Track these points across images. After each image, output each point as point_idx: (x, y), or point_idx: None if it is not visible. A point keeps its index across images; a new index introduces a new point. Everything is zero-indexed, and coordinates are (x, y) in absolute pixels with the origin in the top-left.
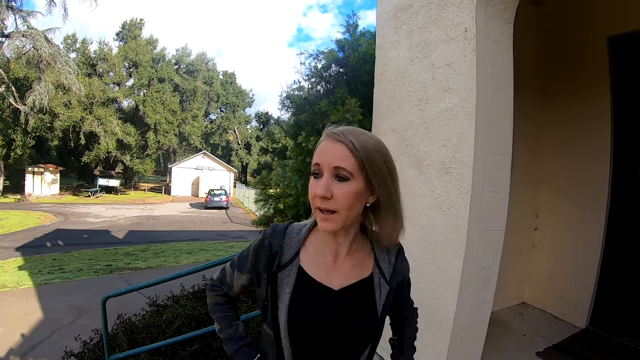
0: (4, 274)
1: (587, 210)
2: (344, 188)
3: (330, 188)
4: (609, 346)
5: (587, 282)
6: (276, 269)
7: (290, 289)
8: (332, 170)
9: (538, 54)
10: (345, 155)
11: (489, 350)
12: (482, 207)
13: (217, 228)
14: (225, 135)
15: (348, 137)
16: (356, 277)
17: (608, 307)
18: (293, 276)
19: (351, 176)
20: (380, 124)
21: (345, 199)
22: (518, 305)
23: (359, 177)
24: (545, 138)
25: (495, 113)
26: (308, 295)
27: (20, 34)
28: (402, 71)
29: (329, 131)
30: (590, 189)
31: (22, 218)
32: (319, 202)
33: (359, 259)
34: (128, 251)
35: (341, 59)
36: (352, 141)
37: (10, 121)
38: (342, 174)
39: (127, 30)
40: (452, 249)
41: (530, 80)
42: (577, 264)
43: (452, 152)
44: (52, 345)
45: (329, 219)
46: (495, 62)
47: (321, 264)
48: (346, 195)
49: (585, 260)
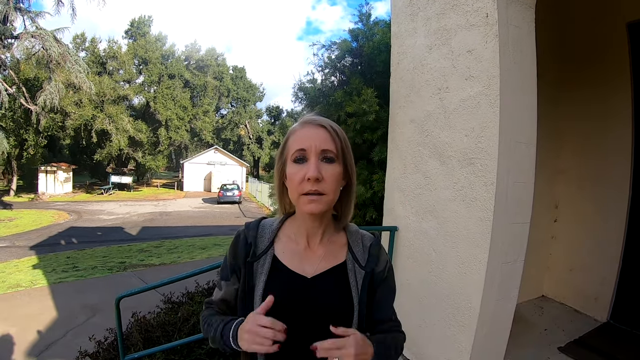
0: (18, 273)
1: (608, 201)
2: (332, 169)
3: (321, 170)
4: (631, 340)
5: (608, 275)
6: (251, 259)
7: (265, 277)
8: (320, 154)
9: (556, 42)
10: (330, 139)
11: (511, 346)
12: (507, 198)
13: (230, 223)
14: (236, 130)
15: (328, 123)
16: (329, 264)
17: (630, 300)
18: (267, 265)
19: (336, 158)
20: (398, 114)
21: (333, 180)
22: (538, 299)
23: (339, 160)
24: (565, 128)
25: (519, 101)
26: (282, 284)
27: (29, 34)
28: (419, 59)
29: (307, 118)
30: (612, 179)
31: (36, 217)
32: (308, 186)
33: (332, 246)
34: (142, 248)
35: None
36: (332, 127)
37: (22, 121)
38: (329, 155)
39: (135, 28)
40: (476, 242)
41: (548, 70)
42: (597, 256)
43: (475, 142)
44: (66, 344)
45: (317, 200)
46: (518, 48)
47: (295, 253)
48: (334, 177)
49: (606, 252)
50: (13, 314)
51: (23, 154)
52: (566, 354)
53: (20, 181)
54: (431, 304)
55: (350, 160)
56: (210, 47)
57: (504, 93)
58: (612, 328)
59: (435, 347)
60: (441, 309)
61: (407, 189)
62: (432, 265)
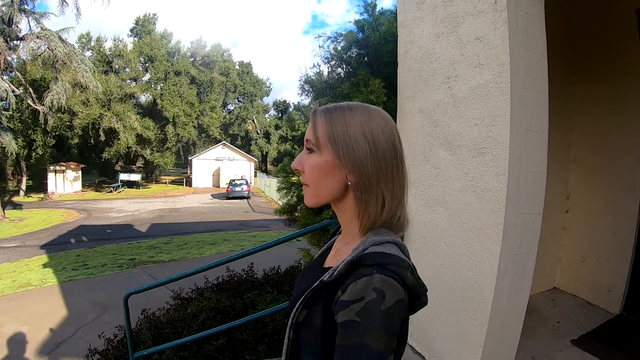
0: (29, 272)
1: (621, 191)
2: (309, 159)
3: (301, 161)
4: None
5: (620, 266)
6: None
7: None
8: (305, 145)
9: (566, 28)
10: (310, 127)
11: (524, 339)
12: (520, 189)
13: (240, 218)
14: (244, 125)
15: (318, 111)
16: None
17: None
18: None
19: (315, 148)
20: (406, 104)
21: (310, 170)
22: (550, 291)
23: (325, 149)
24: (576, 117)
25: (530, 89)
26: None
27: (34, 35)
28: (427, 48)
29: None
30: (624, 169)
31: (46, 216)
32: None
33: (339, 257)
34: (151, 244)
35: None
36: (320, 114)
37: (29, 122)
38: (308, 145)
39: (140, 26)
40: (488, 234)
41: (558, 57)
42: (610, 247)
43: (486, 131)
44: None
45: (304, 191)
46: (528, 34)
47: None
48: (311, 167)
49: (618, 243)
50: (24, 313)
51: (32, 154)
52: (579, 347)
53: (30, 181)
54: (442, 296)
55: (346, 148)
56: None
57: (514, 80)
58: (625, 320)
59: (447, 341)
60: (453, 302)
61: (416, 181)
62: (443, 257)
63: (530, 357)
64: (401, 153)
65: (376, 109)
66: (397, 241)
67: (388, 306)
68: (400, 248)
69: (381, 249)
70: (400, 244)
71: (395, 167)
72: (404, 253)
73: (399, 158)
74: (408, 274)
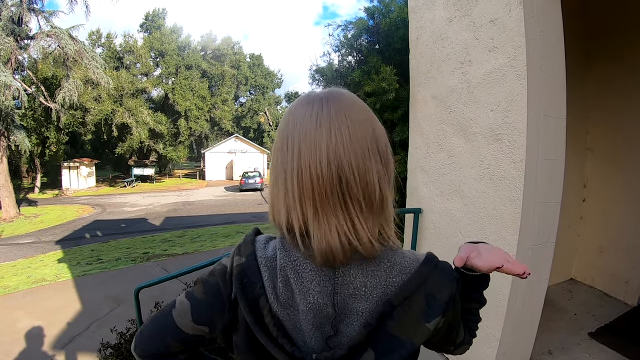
0: (44, 268)
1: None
2: None
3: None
4: None
5: (639, 257)
6: None
7: None
8: None
9: (581, 13)
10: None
11: (540, 332)
12: (537, 176)
13: (253, 210)
14: (256, 117)
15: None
16: None
17: None
18: None
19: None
20: (419, 91)
21: None
22: (566, 282)
23: None
24: (592, 103)
25: (547, 72)
26: None
27: (44, 34)
28: (439, 33)
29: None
30: None
31: (61, 212)
32: None
33: None
34: (165, 238)
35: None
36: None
37: (42, 120)
38: None
39: (150, 21)
40: (505, 223)
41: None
42: (628, 237)
43: (502, 117)
44: (90, 336)
45: None
46: (544, 15)
47: None
48: None
49: (637, 234)
50: (38, 308)
51: (45, 151)
52: (596, 340)
53: (44, 178)
54: None
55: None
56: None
57: (530, 64)
58: None
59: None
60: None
61: (430, 169)
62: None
63: (546, 350)
64: (287, 133)
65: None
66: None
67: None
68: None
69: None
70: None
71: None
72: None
73: (283, 139)
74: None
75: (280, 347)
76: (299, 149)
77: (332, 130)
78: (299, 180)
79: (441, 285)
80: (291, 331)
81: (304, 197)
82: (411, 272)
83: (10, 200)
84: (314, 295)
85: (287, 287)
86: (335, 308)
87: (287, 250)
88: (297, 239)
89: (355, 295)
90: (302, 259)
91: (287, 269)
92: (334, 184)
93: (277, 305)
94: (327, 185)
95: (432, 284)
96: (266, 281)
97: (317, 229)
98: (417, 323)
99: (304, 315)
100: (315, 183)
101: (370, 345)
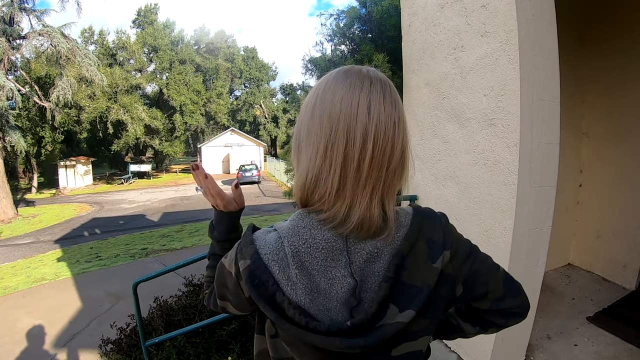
0: (43, 267)
1: (635, 164)
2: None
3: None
4: None
5: (636, 242)
6: None
7: None
8: None
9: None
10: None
11: (538, 317)
12: (532, 160)
13: (251, 203)
14: (251, 110)
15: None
16: None
17: None
18: None
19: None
20: (412, 78)
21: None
22: (564, 267)
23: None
24: (587, 88)
25: (539, 56)
26: None
27: (36, 33)
28: (431, 19)
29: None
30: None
31: (59, 211)
32: None
33: None
34: (163, 233)
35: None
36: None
37: (37, 119)
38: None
39: (143, 17)
40: (500, 208)
41: (567, 23)
42: (625, 221)
43: (496, 101)
44: (91, 333)
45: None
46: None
47: None
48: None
49: (634, 218)
50: (39, 307)
51: (41, 151)
52: (595, 324)
53: (41, 178)
54: None
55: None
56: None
57: (523, 48)
58: None
59: None
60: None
61: (425, 156)
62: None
63: (545, 335)
64: (324, 110)
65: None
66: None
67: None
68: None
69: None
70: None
71: (308, 127)
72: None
73: (314, 117)
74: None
75: (313, 330)
76: (346, 118)
77: (374, 102)
78: (347, 151)
79: (434, 228)
80: (317, 314)
81: (349, 167)
82: (408, 224)
83: (7, 202)
84: (332, 270)
85: (304, 271)
86: (354, 277)
87: (298, 232)
88: (330, 211)
89: (370, 259)
90: (316, 232)
91: (300, 253)
92: (377, 156)
93: (297, 295)
94: (373, 158)
95: (427, 229)
96: (277, 275)
97: (359, 198)
98: (425, 266)
99: (326, 294)
100: (362, 155)
101: (391, 301)
